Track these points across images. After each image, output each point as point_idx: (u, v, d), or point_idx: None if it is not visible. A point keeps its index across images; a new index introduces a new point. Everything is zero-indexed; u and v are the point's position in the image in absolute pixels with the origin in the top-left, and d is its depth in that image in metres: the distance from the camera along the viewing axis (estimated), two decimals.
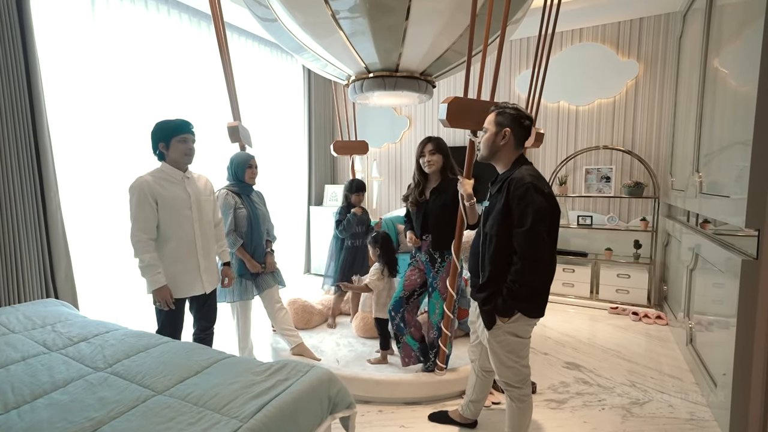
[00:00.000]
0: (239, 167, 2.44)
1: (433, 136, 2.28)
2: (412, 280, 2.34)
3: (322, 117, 5.35)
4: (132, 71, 3.13)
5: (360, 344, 2.87)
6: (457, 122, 1.88)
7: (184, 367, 1.31)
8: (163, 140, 1.97)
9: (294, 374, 1.26)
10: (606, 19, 3.93)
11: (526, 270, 1.47)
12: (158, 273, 1.90)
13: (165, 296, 1.91)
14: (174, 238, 1.98)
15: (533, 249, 1.46)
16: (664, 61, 3.81)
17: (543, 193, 1.48)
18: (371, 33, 2.29)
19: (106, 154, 3.00)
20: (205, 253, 2.10)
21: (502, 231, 1.54)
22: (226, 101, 3.78)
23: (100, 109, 2.95)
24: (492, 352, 1.65)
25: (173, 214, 1.97)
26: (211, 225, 2.18)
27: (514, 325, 1.58)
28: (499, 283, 1.56)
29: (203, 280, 2.09)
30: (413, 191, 2.32)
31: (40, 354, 1.41)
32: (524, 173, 1.54)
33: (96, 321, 1.80)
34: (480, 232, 1.68)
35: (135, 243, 1.88)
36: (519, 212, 1.49)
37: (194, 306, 2.18)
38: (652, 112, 3.90)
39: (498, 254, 1.56)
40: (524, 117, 1.62)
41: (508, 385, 1.67)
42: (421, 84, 2.72)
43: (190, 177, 2.08)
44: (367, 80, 2.67)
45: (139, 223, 1.88)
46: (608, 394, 2.31)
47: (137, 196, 1.89)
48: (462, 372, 2.30)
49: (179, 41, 3.48)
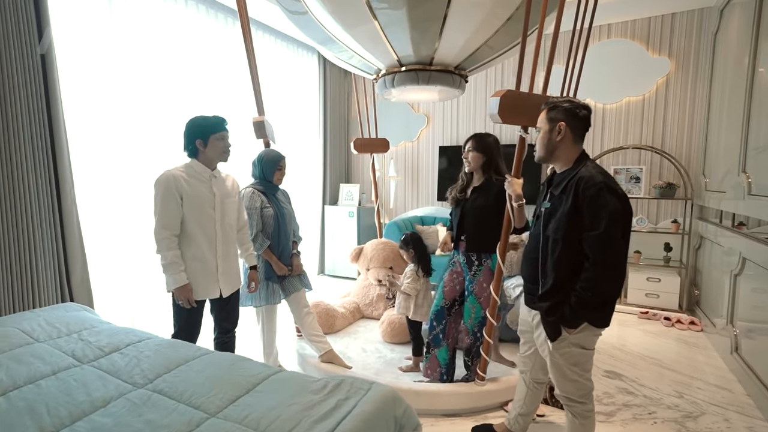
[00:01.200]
0: (269, 166, 2.32)
1: (481, 133, 2.16)
2: (452, 287, 2.22)
3: (337, 114, 5.23)
4: (149, 64, 3.01)
5: (388, 350, 2.75)
6: (509, 117, 1.76)
7: (234, 384, 1.19)
8: (201, 137, 1.88)
9: (355, 393, 1.14)
10: (636, 14, 3.81)
11: (601, 277, 1.35)
12: (181, 271, 1.82)
13: (187, 294, 1.83)
14: (194, 236, 1.88)
15: (608, 254, 1.34)
16: (697, 57, 3.68)
17: (617, 194, 1.36)
18: (409, 23, 2.17)
19: (122, 150, 2.88)
20: (224, 255, 1.99)
21: (569, 235, 1.41)
22: (243, 95, 3.71)
23: (117, 103, 2.83)
24: (553, 364, 1.52)
25: (196, 211, 1.88)
26: (233, 227, 2.07)
27: (579, 336, 1.46)
28: (565, 291, 1.43)
29: (220, 284, 1.98)
30: (456, 187, 2.20)
31: (71, 367, 1.29)
32: (593, 171, 1.42)
33: (124, 328, 1.68)
34: (537, 236, 1.56)
35: (159, 240, 1.80)
36: (591, 214, 1.36)
37: (214, 309, 2.08)
38: (683, 111, 3.77)
39: (564, 260, 1.43)
40: (579, 107, 1.49)
41: (570, 400, 1.54)
42: (455, 78, 2.60)
43: (217, 176, 1.99)
44: (399, 74, 2.55)
45: (164, 218, 1.80)
46: (657, 407, 2.18)
47: (163, 191, 1.80)
48: (503, 383, 2.17)
49: (196, 33, 3.36)
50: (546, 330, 1.48)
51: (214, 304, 2.04)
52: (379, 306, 3.32)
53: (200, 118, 1.91)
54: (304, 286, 2.48)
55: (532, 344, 1.70)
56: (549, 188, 1.56)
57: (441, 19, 2.12)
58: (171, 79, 3.15)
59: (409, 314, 2.39)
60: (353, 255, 3.52)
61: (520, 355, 1.79)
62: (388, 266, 3.36)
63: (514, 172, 1.89)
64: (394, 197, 5.10)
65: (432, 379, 2.23)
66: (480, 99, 4.63)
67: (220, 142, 1.91)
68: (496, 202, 2.03)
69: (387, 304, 3.31)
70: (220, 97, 3.54)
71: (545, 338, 1.51)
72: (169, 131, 3.08)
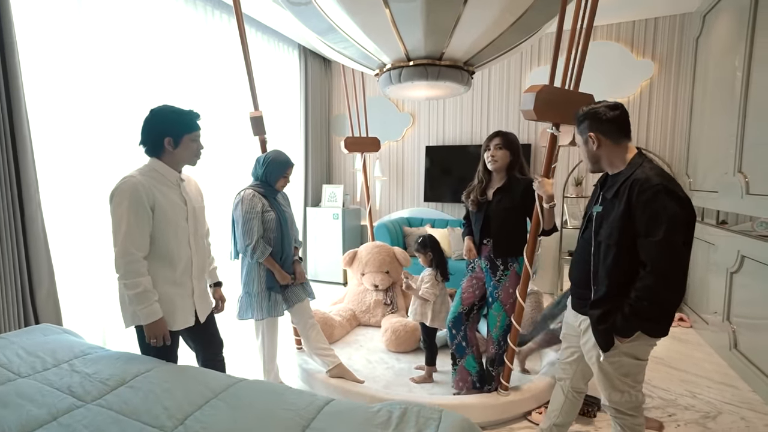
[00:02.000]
0: (275, 170, 2.12)
1: (503, 130, 2.06)
2: (471, 293, 2.11)
3: (318, 113, 5.02)
4: (121, 57, 2.69)
5: (395, 360, 2.61)
6: (544, 114, 1.66)
7: (286, 421, 0.99)
8: (172, 134, 1.54)
9: (426, 424, 0.98)
10: (621, 17, 3.88)
11: (658, 287, 1.27)
12: (155, 302, 1.48)
13: (163, 330, 1.50)
14: (169, 256, 1.55)
15: (667, 262, 1.26)
16: (680, 60, 3.79)
17: (677, 197, 1.27)
18: (424, 13, 2.03)
19: (93, 149, 2.56)
20: (199, 274, 1.69)
21: (623, 240, 1.33)
22: (220, 89, 3.45)
23: (88, 100, 2.51)
24: (603, 374, 1.44)
25: (170, 225, 1.54)
26: (204, 239, 1.79)
27: (633, 345, 1.38)
28: (618, 298, 1.35)
29: (197, 308, 1.67)
30: (475, 189, 2.08)
31: (73, 408, 1.04)
32: (649, 173, 1.33)
33: (122, 354, 1.41)
34: (588, 240, 1.47)
35: (127, 263, 1.43)
36: (646, 219, 1.28)
37: (191, 337, 1.73)
38: (666, 113, 3.88)
39: (617, 267, 1.35)
40: (605, 111, 1.41)
41: (619, 412, 1.47)
42: (464, 74, 2.49)
43: (185, 180, 1.67)
44: (407, 69, 2.40)
45: (134, 237, 1.44)
46: (674, 408, 2.17)
47: (130, 202, 1.44)
48: (526, 391, 2.08)
49: (172, 24, 3.06)
50: (597, 339, 1.39)
51: (189, 332, 1.68)
52: (377, 312, 3.16)
53: (172, 112, 1.56)
54: (307, 295, 2.28)
55: (576, 350, 1.61)
56: (601, 190, 1.48)
57: (459, 10, 2.00)
58: (148, 72, 2.85)
59: (426, 321, 2.26)
60: (347, 260, 3.34)
61: (561, 361, 1.70)
62: (385, 270, 3.21)
63: (544, 172, 1.80)
64: (380, 198, 4.96)
65: (465, 391, 2.11)
66: (466, 98, 4.58)
67: (194, 143, 1.60)
68: (522, 202, 1.94)
69: (385, 310, 3.16)
70: (198, 92, 3.25)
71: (593, 344, 1.42)
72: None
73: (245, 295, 2.14)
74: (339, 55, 2.73)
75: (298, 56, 4.62)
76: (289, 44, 4.47)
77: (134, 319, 1.54)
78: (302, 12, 2.35)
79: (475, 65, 2.59)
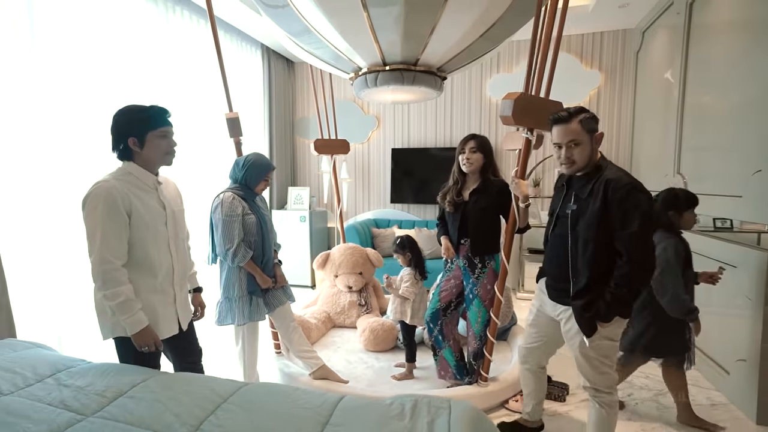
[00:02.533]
0: (256, 173, 2.09)
1: (477, 134, 2.16)
2: (448, 291, 2.20)
3: (282, 114, 4.95)
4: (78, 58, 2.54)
5: (374, 359, 2.65)
6: (521, 119, 1.78)
7: (305, 420, 1.00)
8: (134, 134, 1.46)
9: (437, 413, 1.03)
10: (570, 30, 4.17)
11: (635, 274, 1.42)
12: (139, 310, 1.42)
13: (153, 337, 1.45)
14: (148, 262, 1.49)
15: (642, 251, 1.42)
16: (623, 72, 4.15)
17: (646, 193, 1.45)
18: (403, 19, 2.10)
19: (48, 148, 2.39)
20: (180, 280, 1.63)
21: (601, 235, 1.47)
22: (189, 91, 3.34)
23: (39, 104, 2.34)
24: (585, 358, 1.58)
25: (148, 231, 1.48)
26: (185, 244, 1.74)
27: (610, 329, 1.53)
28: (598, 287, 1.49)
29: (179, 315, 1.62)
30: (451, 190, 2.17)
31: (74, 423, 0.97)
32: (618, 173, 1.49)
33: (109, 365, 1.33)
34: (563, 237, 1.59)
35: (105, 272, 1.36)
36: (622, 214, 1.43)
37: (169, 346, 1.65)
38: (612, 120, 4.22)
39: (597, 259, 1.49)
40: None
41: (598, 391, 1.61)
42: (437, 80, 2.59)
43: (162, 182, 1.60)
44: (383, 73, 2.46)
45: (111, 244, 1.36)
46: (632, 388, 2.38)
47: (105, 207, 1.36)
48: (503, 381, 2.21)
49: (132, 22, 2.92)
50: (581, 326, 1.52)
51: (168, 341, 1.61)
52: (352, 313, 3.19)
53: (132, 110, 1.49)
54: (288, 298, 2.27)
55: (544, 336, 1.79)
56: (569, 190, 1.61)
57: (437, 16, 2.09)
58: (107, 72, 2.70)
59: (406, 319, 2.32)
60: (319, 262, 3.34)
61: (526, 346, 1.86)
62: (358, 272, 3.24)
63: (520, 174, 1.92)
64: (347, 200, 4.97)
65: (447, 378, 2.24)
66: (431, 102, 4.71)
67: (162, 140, 1.50)
68: (498, 202, 2.06)
69: (360, 311, 3.19)
70: (162, 92, 3.12)
71: (576, 332, 1.55)
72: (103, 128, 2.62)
73: (225, 300, 2.09)
74: (311, 56, 2.74)
75: (261, 56, 4.54)
76: (251, 44, 4.38)
77: (115, 331, 1.46)
78: (278, 14, 2.34)
79: (447, 71, 2.70)
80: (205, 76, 3.55)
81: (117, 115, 1.49)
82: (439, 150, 4.62)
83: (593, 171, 1.55)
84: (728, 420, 2.08)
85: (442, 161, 4.43)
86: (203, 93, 3.52)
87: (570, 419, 2.08)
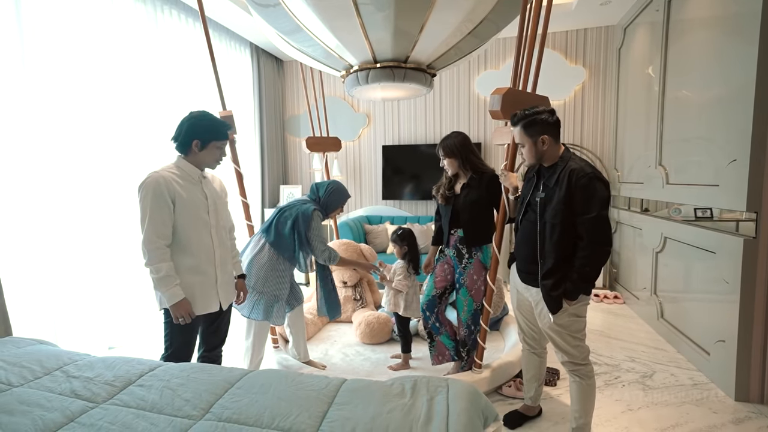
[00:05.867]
0: (336, 202, 2.35)
1: (445, 137, 2.22)
2: (443, 277, 2.27)
3: (273, 112, 4.97)
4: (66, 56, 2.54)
5: (370, 351, 2.71)
6: (509, 114, 1.85)
7: (311, 400, 1.05)
8: (201, 138, 1.70)
9: (436, 391, 1.09)
10: (555, 27, 4.27)
11: (596, 253, 1.56)
12: (176, 285, 1.61)
13: (186, 309, 1.64)
14: (190, 245, 1.69)
15: (600, 233, 1.55)
16: (606, 67, 4.26)
17: (604, 181, 1.58)
18: (393, 17, 2.15)
19: (44, 143, 2.39)
20: (222, 264, 1.81)
21: (566, 220, 1.59)
22: (178, 90, 3.35)
23: (28, 102, 2.34)
24: (557, 334, 1.69)
25: (191, 217, 1.69)
26: (227, 232, 1.90)
27: (576, 307, 1.65)
28: (564, 266, 1.61)
29: (220, 296, 1.80)
30: (443, 185, 2.24)
31: (87, 409, 1.01)
32: (581, 164, 1.62)
33: (115, 357, 1.37)
34: (533, 222, 1.69)
35: (150, 250, 1.57)
36: (583, 201, 1.55)
37: (204, 324, 1.86)
38: (597, 114, 4.34)
39: (562, 242, 1.61)
40: (549, 115, 1.67)
41: (576, 364, 1.72)
42: (427, 77, 2.65)
43: (206, 177, 1.82)
44: (375, 70, 2.51)
45: (156, 226, 1.58)
46: (619, 372, 2.48)
47: (153, 195, 1.59)
48: (497, 368, 2.27)
49: (121, 21, 2.93)
50: (548, 304, 1.63)
51: (204, 318, 1.81)
52: (347, 308, 3.24)
53: (208, 120, 1.73)
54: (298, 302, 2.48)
55: (530, 319, 1.88)
56: (538, 180, 1.72)
57: (426, 14, 2.14)
58: (95, 70, 2.71)
59: (399, 311, 2.38)
60: None
61: (522, 329, 1.95)
62: (352, 267, 3.29)
63: (509, 167, 1.99)
64: None
65: (444, 362, 2.32)
66: (420, 99, 4.78)
67: (218, 150, 1.76)
68: (488, 194, 2.13)
69: (355, 305, 3.25)
70: (152, 90, 3.13)
71: (546, 311, 1.65)
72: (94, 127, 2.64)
73: (272, 297, 2.19)
74: (302, 54, 2.78)
75: (250, 55, 4.55)
76: (240, 43, 4.39)
77: (162, 303, 1.65)
78: (270, 13, 2.37)
79: (437, 68, 2.76)
80: (194, 75, 3.56)
81: (193, 118, 1.71)
82: (429, 146, 4.68)
83: (560, 162, 1.67)
84: (709, 398, 2.18)
85: (432, 157, 4.43)
86: (193, 92, 3.54)
87: (560, 402, 2.17)
